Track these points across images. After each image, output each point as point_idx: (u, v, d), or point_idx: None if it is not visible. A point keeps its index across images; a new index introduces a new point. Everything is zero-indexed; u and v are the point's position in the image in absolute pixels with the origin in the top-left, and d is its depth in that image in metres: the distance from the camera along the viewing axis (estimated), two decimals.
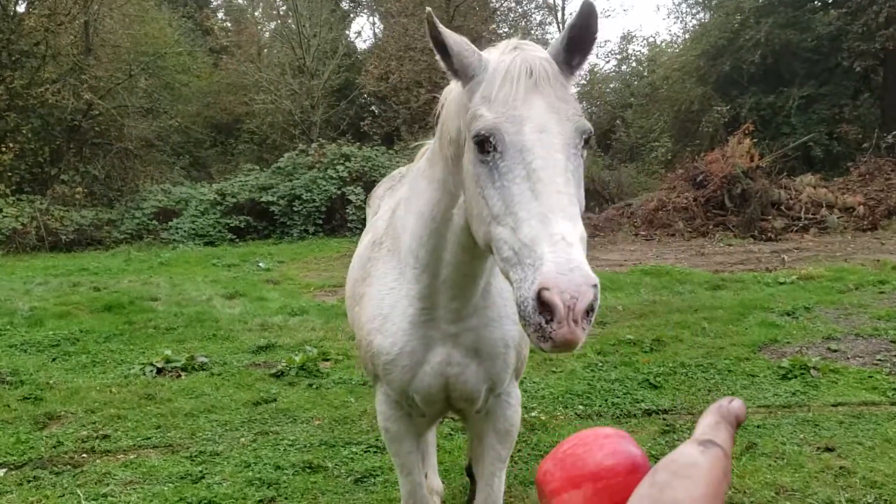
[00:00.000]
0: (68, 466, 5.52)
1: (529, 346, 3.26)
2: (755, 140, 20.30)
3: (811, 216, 18.49)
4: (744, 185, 18.85)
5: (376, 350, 3.01)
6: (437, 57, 2.25)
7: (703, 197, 19.29)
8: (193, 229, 20.92)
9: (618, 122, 32.21)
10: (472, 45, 2.30)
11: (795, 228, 18.15)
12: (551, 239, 1.88)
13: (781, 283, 11.39)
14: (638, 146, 30.76)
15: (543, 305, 1.82)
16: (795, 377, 6.99)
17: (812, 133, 24.45)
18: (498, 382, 2.99)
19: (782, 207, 18.88)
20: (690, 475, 0.82)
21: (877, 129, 24.05)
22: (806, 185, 19.47)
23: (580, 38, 2.20)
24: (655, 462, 0.90)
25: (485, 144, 2.16)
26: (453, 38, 2.22)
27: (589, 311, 1.81)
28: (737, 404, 0.94)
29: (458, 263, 2.67)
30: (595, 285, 1.82)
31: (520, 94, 2.16)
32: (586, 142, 2.22)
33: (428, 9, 2.17)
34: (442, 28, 2.18)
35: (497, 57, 2.25)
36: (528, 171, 2.06)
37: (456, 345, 2.86)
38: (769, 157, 20.62)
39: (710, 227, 18.74)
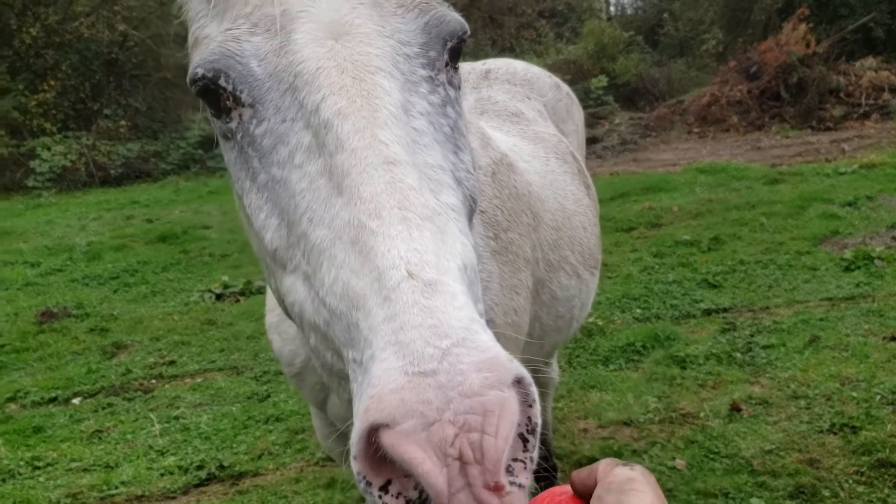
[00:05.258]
0: (139, 392, 5.72)
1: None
2: (811, 25, 19.28)
3: (872, 102, 17.66)
4: (800, 74, 18.02)
5: (277, 355, 2.27)
6: None
7: (757, 89, 18.52)
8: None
9: (665, 15, 30.87)
10: None
11: (856, 115, 17.39)
12: (381, 282, 0.98)
13: (842, 174, 10.99)
14: (687, 40, 29.52)
15: (382, 467, 0.91)
16: (859, 268, 6.82)
17: (872, 13, 23.04)
18: None
19: (841, 94, 18.05)
20: (634, 488, 0.87)
21: None
22: (866, 69, 18.53)
23: None
24: None
25: (218, 98, 1.26)
26: None
27: (525, 441, 0.93)
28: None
29: None
30: (517, 375, 0.93)
31: None
32: (455, 53, 1.32)
33: None
34: None
35: None
36: (315, 130, 1.14)
37: None
38: (826, 41, 19.60)
39: (766, 119, 18.06)
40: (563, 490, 0.97)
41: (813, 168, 11.84)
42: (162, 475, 4.53)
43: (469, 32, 1.34)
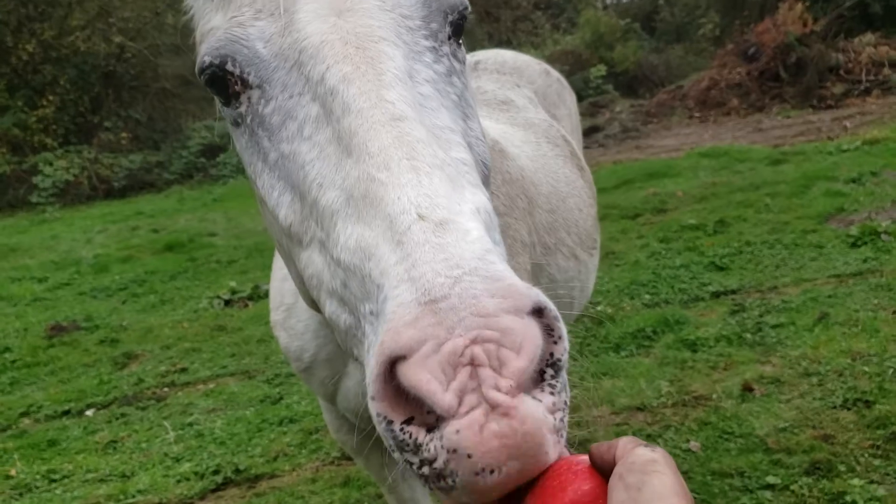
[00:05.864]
0: (152, 401, 5.73)
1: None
2: (807, 4, 19.18)
3: (873, 77, 17.55)
4: (798, 53, 17.93)
5: (284, 352, 2.33)
6: None
7: (756, 70, 18.45)
8: (241, 163, 20.95)
9: (661, 1, 30.80)
10: None
11: (857, 92, 17.29)
12: (393, 228, 0.98)
13: (845, 151, 10.94)
14: (684, 25, 29.41)
15: (402, 401, 0.88)
16: (865, 244, 6.79)
17: None
18: None
19: (841, 72, 17.95)
20: (657, 469, 0.88)
21: None
22: (865, 46, 18.41)
23: None
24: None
25: (227, 85, 1.28)
26: None
27: (551, 363, 0.90)
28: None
29: None
30: (537, 303, 0.90)
31: None
32: (458, 28, 1.33)
33: None
34: None
35: None
36: (322, 99, 1.15)
37: None
38: (823, 19, 19.50)
39: (766, 100, 17.98)
40: (580, 460, 0.96)
41: (815, 147, 11.80)
42: (178, 482, 4.54)
43: (469, 8, 1.36)
